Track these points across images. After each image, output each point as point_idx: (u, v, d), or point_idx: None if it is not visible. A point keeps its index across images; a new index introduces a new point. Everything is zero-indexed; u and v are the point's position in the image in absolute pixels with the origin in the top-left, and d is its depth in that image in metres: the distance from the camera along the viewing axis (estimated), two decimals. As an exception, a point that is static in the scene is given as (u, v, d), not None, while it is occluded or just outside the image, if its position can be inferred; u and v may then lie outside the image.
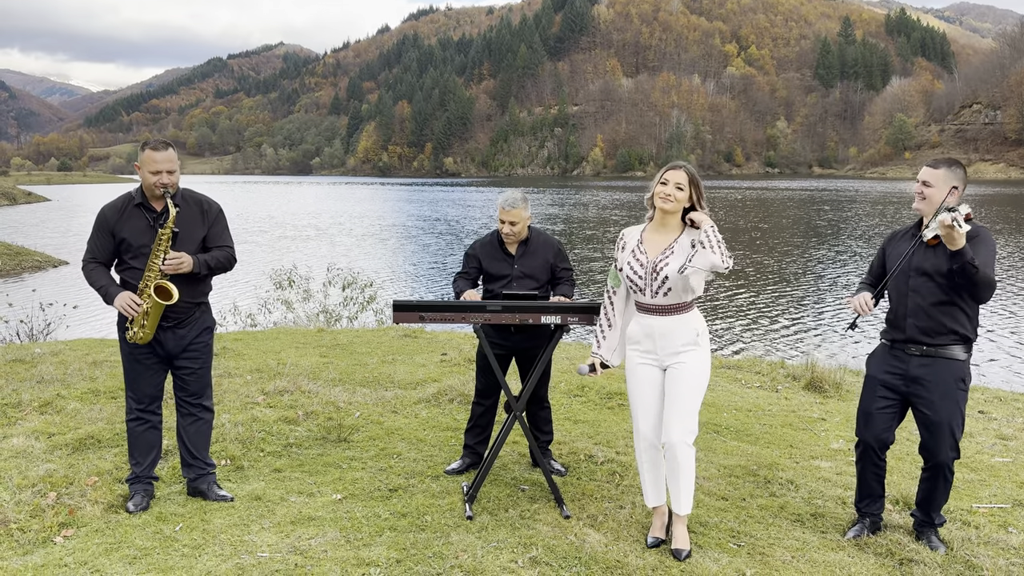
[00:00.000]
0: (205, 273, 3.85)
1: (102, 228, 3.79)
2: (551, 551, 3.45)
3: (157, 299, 3.68)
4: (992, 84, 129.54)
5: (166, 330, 3.83)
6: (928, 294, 3.44)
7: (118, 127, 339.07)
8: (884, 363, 3.62)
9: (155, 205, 3.79)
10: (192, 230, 3.83)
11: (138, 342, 3.77)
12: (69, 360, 6.92)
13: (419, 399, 5.99)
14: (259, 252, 27.04)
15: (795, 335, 13.94)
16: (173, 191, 3.74)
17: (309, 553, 3.41)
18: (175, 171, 3.74)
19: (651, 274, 3.45)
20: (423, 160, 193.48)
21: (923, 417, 3.53)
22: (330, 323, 12.02)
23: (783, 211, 46.93)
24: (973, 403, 6.73)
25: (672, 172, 3.46)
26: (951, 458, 3.52)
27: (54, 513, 3.74)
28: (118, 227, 3.76)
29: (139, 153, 3.76)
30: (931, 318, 3.44)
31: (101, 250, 3.81)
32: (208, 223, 3.90)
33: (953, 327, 3.43)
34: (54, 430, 4.95)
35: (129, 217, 3.77)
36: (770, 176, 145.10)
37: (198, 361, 3.96)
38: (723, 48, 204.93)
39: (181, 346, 3.88)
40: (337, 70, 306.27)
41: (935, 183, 3.43)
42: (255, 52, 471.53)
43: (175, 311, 3.81)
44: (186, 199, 3.85)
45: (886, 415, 3.61)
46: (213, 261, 3.86)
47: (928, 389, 3.47)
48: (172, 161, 3.73)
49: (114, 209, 3.79)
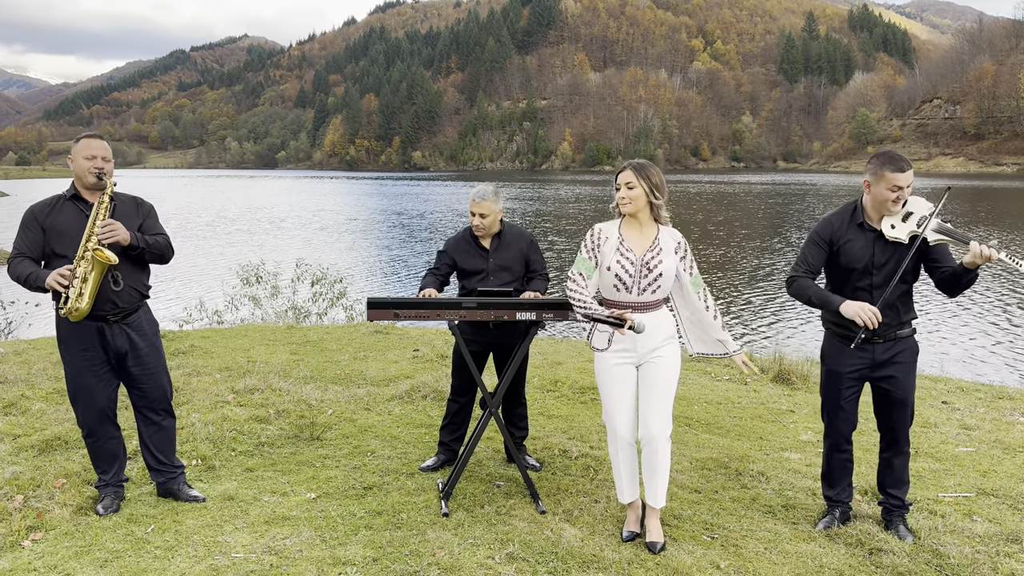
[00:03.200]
0: (142, 248, 3.66)
1: (30, 224, 3.63)
2: (528, 546, 3.47)
3: (98, 258, 3.45)
4: (952, 79, 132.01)
5: (112, 324, 3.67)
6: (895, 290, 3.52)
7: (78, 120, 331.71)
8: (846, 357, 3.62)
9: (88, 198, 3.68)
10: (128, 223, 3.67)
11: (73, 318, 3.48)
12: (33, 359, 6.79)
13: (392, 396, 5.97)
14: (225, 248, 26.69)
15: (764, 328, 14.12)
16: (108, 177, 3.64)
17: (284, 553, 3.38)
18: (110, 160, 3.68)
19: (640, 271, 3.46)
20: (391, 154, 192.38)
21: (885, 395, 3.64)
22: (299, 319, 11.92)
23: (748, 205, 47.43)
24: (936, 394, 6.88)
25: (621, 175, 3.51)
26: (907, 432, 3.70)
27: (21, 517, 3.67)
28: (49, 221, 3.62)
29: (73, 146, 3.68)
30: (894, 311, 3.55)
31: (30, 246, 3.61)
32: (143, 216, 3.80)
33: (907, 314, 3.60)
34: (19, 431, 4.85)
35: (61, 211, 3.65)
36: (736, 170, 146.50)
37: (150, 367, 3.81)
38: (689, 43, 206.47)
39: (127, 346, 3.72)
40: (303, 63, 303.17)
41: (910, 184, 3.52)
42: (219, 44, 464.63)
43: (120, 299, 3.65)
44: (120, 197, 3.75)
45: (851, 403, 3.72)
46: (151, 240, 3.71)
47: (897, 369, 3.59)
48: (106, 150, 3.67)
49: (43, 206, 3.67)
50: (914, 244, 3.45)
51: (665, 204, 3.53)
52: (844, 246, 3.56)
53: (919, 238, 3.43)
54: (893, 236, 3.47)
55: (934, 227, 3.42)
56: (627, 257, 3.49)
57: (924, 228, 3.43)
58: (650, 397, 3.49)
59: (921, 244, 3.48)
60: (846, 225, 3.59)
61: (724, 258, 23.01)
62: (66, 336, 3.68)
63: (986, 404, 6.57)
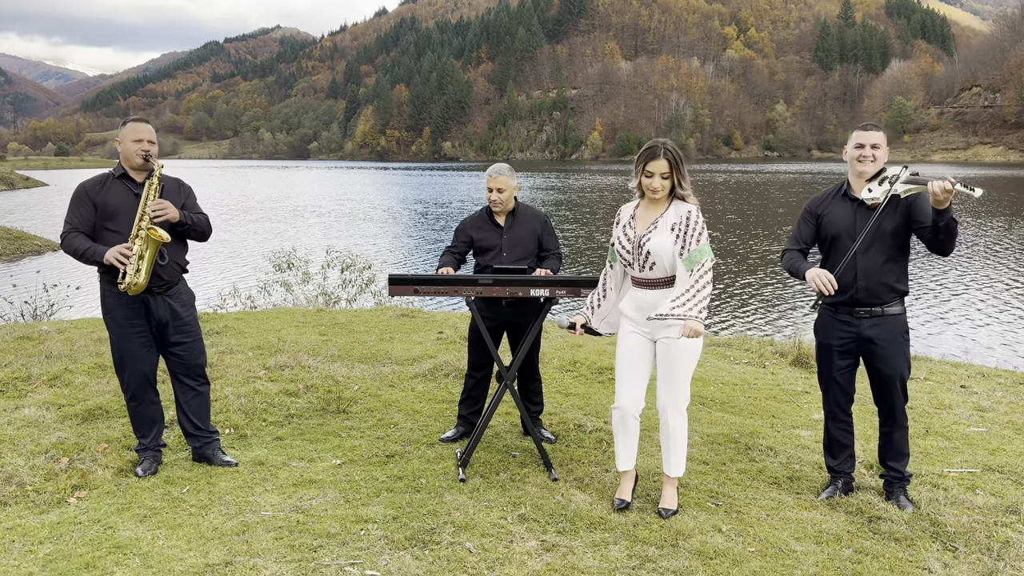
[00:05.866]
0: (188, 225, 3.96)
1: (82, 200, 3.88)
2: (539, 509, 3.66)
3: (152, 236, 3.73)
4: (992, 67, 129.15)
5: (156, 295, 3.94)
6: (876, 255, 3.63)
7: (115, 112, 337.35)
8: (835, 329, 3.79)
9: (136, 177, 3.94)
10: (173, 200, 3.97)
11: (132, 292, 3.76)
12: (75, 337, 7.10)
13: (415, 374, 6.18)
14: (258, 235, 27.17)
15: (786, 314, 14.14)
16: (154, 159, 3.90)
17: (310, 512, 3.61)
18: (155, 143, 3.93)
19: (637, 249, 3.62)
20: (421, 144, 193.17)
21: (876, 371, 3.77)
22: (329, 304, 12.19)
23: (778, 194, 47.03)
24: (956, 379, 6.92)
25: (654, 163, 3.52)
26: (903, 406, 3.80)
27: (67, 476, 3.94)
28: (100, 198, 3.88)
29: (120, 129, 3.93)
30: (878, 279, 3.65)
31: (82, 221, 3.87)
32: (184, 196, 4.09)
33: (894, 285, 3.68)
34: (64, 401, 5.14)
35: (110, 189, 3.91)
36: (769, 160, 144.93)
37: (190, 335, 4.10)
38: (722, 31, 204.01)
39: (169, 316, 4.00)
40: (334, 53, 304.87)
41: (881, 144, 3.67)
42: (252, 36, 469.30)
43: (165, 273, 3.93)
44: (164, 178, 4.00)
45: (845, 375, 3.84)
46: (195, 217, 4.02)
47: (882, 347, 3.70)
48: (153, 134, 3.93)
49: (94, 183, 3.94)
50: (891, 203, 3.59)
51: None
52: (826, 215, 3.75)
53: (893, 195, 3.55)
54: (870, 199, 3.59)
55: (903, 179, 3.54)
56: (627, 235, 3.66)
57: (896, 183, 3.55)
58: (661, 372, 3.66)
59: (900, 205, 3.60)
60: (831, 197, 3.80)
61: (744, 247, 22.95)
62: (112, 307, 3.95)
63: (1005, 389, 6.60)
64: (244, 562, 3.14)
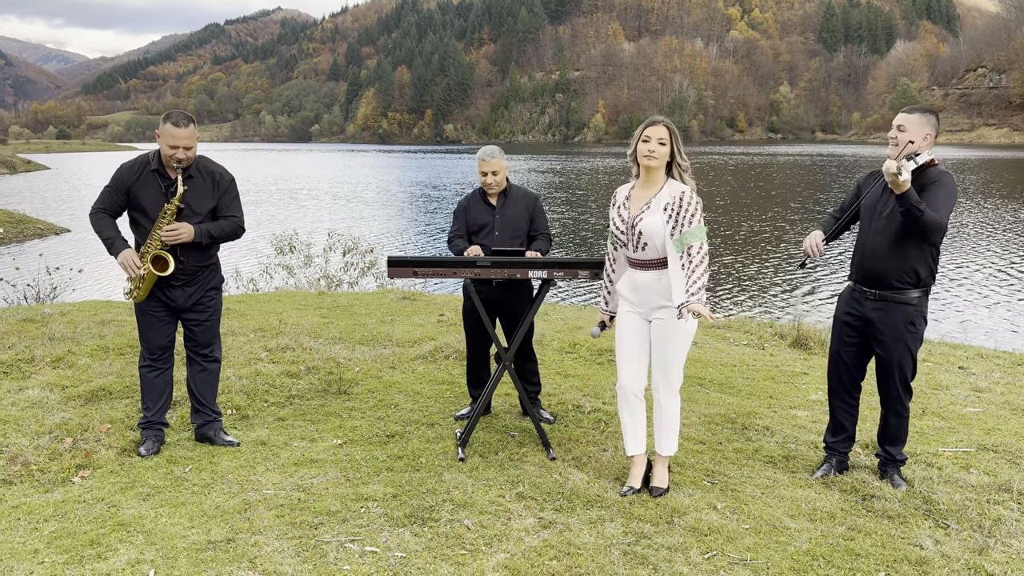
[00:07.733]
0: (207, 242, 4.08)
1: (118, 186, 4.03)
2: (536, 487, 3.71)
3: (152, 269, 3.94)
4: (997, 48, 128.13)
5: (175, 288, 4.09)
6: (886, 236, 3.64)
7: (116, 94, 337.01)
8: (847, 305, 3.87)
9: (170, 174, 4.01)
10: (203, 201, 4.06)
11: (133, 300, 4.09)
12: (78, 320, 7.15)
13: (416, 356, 6.22)
14: (260, 218, 27.18)
15: (787, 297, 14.16)
16: (187, 165, 3.96)
17: (311, 490, 3.66)
18: (192, 147, 3.96)
19: (630, 229, 3.64)
20: (423, 127, 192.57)
21: (879, 357, 3.79)
22: (331, 287, 12.24)
23: (780, 176, 46.90)
24: (955, 359, 6.95)
25: (653, 128, 3.59)
26: (900, 395, 3.78)
27: (71, 456, 3.99)
28: (134, 188, 4.01)
29: (161, 123, 3.95)
30: (886, 260, 3.64)
31: (112, 204, 4.06)
32: (219, 194, 4.12)
33: (906, 270, 3.62)
34: (67, 383, 5.19)
35: (145, 181, 4.01)
36: (773, 142, 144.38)
37: (205, 314, 4.23)
38: (726, 11, 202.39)
39: (190, 302, 4.15)
40: (335, 35, 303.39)
41: (908, 127, 3.61)
42: (252, 17, 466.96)
43: (184, 272, 4.07)
44: (200, 171, 4.06)
45: (852, 353, 3.87)
46: (216, 231, 4.09)
47: (881, 332, 3.71)
48: (191, 138, 3.93)
49: (131, 170, 4.03)
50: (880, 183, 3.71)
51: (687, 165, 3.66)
52: (865, 190, 3.84)
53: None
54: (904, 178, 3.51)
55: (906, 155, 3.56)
56: (621, 216, 3.68)
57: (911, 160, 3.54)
58: (655, 352, 3.69)
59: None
60: (876, 176, 3.84)
61: (745, 228, 22.94)
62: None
63: (1003, 370, 6.64)
64: (246, 539, 3.19)
